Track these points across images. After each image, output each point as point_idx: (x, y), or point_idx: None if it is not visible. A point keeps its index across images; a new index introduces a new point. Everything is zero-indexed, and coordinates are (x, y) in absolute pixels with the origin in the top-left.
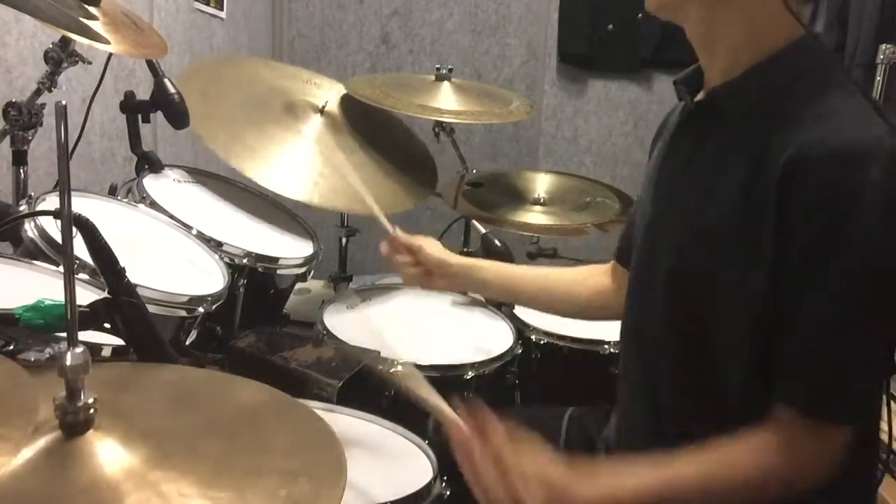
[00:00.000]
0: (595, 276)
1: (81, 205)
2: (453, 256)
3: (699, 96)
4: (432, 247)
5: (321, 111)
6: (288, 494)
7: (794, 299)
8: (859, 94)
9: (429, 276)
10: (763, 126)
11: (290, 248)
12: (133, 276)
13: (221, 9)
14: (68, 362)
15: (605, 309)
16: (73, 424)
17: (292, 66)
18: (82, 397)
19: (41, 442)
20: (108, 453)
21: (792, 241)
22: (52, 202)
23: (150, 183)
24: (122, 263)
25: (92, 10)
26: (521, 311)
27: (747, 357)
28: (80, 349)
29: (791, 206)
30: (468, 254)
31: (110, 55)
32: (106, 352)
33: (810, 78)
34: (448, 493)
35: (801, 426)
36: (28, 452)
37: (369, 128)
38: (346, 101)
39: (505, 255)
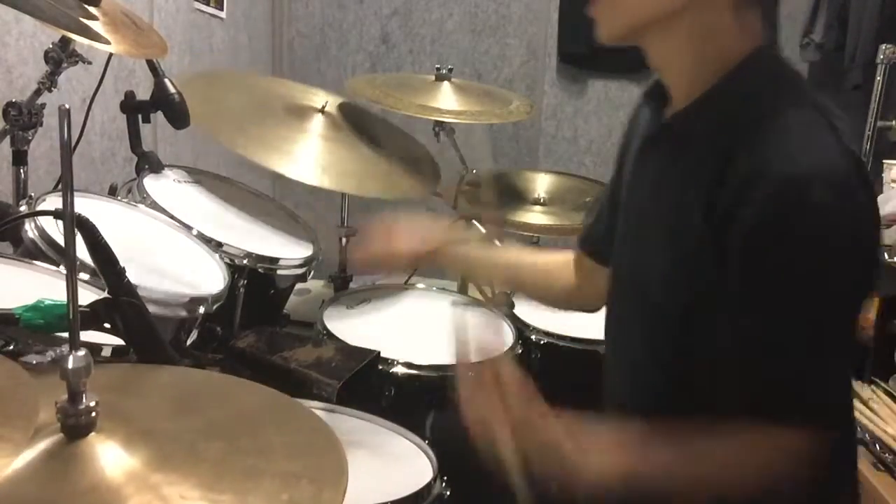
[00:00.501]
0: (565, 272)
1: (81, 205)
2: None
3: (666, 113)
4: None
5: (321, 111)
6: (290, 497)
7: (731, 321)
8: (814, 109)
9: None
10: (724, 147)
11: (290, 249)
12: (133, 276)
13: (221, 9)
14: (70, 365)
15: (584, 306)
16: (75, 427)
17: (286, 80)
18: (84, 400)
19: (42, 445)
20: (110, 456)
21: (734, 263)
22: (52, 202)
23: (150, 183)
24: (122, 263)
25: (92, 10)
26: (521, 311)
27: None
28: (81, 352)
29: (734, 229)
30: None
31: (110, 55)
32: (106, 352)
33: (767, 94)
34: (448, 493)
35: (760, 430)
36: (29, 455)
37: (369, 129)
38: (345, 108)
39: None
